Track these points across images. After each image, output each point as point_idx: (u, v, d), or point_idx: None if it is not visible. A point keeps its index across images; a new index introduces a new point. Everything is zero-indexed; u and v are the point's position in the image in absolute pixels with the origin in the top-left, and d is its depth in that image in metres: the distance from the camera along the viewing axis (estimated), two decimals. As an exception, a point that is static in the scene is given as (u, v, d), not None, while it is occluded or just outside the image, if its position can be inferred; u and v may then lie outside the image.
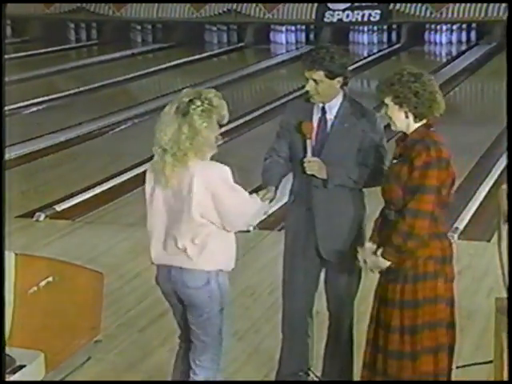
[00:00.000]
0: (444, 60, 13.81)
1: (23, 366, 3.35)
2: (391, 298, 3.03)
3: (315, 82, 3.18)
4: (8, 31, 15.50)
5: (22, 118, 9.19)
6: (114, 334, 4.09)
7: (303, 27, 15.31)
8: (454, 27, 14.72)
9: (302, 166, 3.21)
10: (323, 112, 3.24)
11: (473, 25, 14.69)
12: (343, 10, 14.78)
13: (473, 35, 14.74)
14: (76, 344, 3.76)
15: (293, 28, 15.29)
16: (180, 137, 2.84)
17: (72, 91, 10.83)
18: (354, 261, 3.26)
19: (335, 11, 14.82)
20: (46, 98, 10.25)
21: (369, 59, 13.36)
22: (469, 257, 4.93)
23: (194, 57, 13.64)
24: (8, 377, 3.20)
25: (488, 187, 6.22)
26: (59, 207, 6.04)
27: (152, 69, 12.42)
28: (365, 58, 13.53)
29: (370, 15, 14.68)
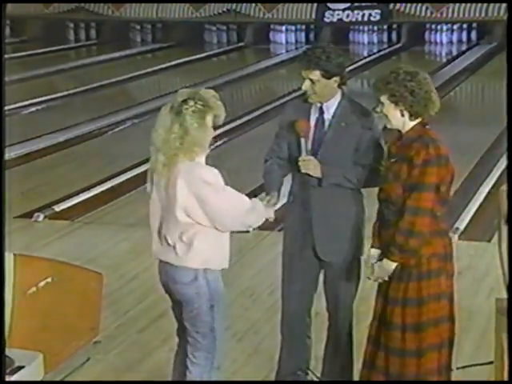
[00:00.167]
0: (444, 60, 13.80)
1: (22, 367, 3.35)
2: (394, 296, 3.04)
3: (312, 82, 3.18)
4: (7, 31, 15.48)
5: (21, 118, 9.18)
6: (114, 335, 4.08)
7: (303, 27, 15.29)
8: (455, 27, 14.71)
9: (298, 166, 3.21)
10: (321, 112, 3.24)
11: (473, 24, 14.67)
12: (343, 10, 14.77)
13: (473, 35, 14.72)
14: (75, 345, 3.76)
15: (293, 28, 15.28)
16: (170, 136, 2.88)
17: (71, 91, 10.82)
18: (353, 262, 3.28)
19: (335, 11, 14.81)
20: (45, 98, 10.24)
21: (369, 59, 13.35)
22: (469, 257, 4.93)
23: (194, 57, 13.63)
24: (7, 378, 3.19)
25: (488, 187, 6.21)
26: (58, 207, 6.04)
27: (151, 69, 12.41)
28: (365, 58, 13.52)
29: (370, 15, 14.68)
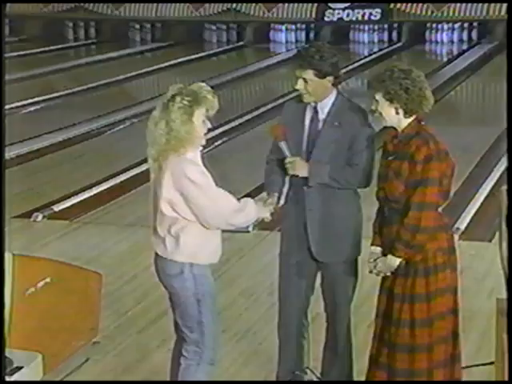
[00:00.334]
0: (445, 59, 13.78)
1: (21, 368, 3.34)
2: (400, 293, 3.05)
3: (305, 81, 3.17)
4: (6, 30, 15.46)
5: (20, 118, 9.17)
6: (113, 335, 4.07)
7: (303, 26, 15.27)
8: (456, 26, 14.68)
9: (285, 167, 3.21)
10: (315, 111, 3.23)
11: (474, 24, 14.63)
12: (343, 9, 14.75)
13: (474, 34, 14.69)
14: (74, 345, 3.76)
15: (293, 27, 15.26)
16: (157, 132, 2.93)
17: (70, 90, 10.80)
18: (349, 263, 3.28)
19: (335, 10, 14.79)
20: (44, 98, 10.23)
21: (369, 58, 13.32)
22: (470, 257, 4.91)
23: (193, 56, 13.61)
24: (6, 378, 3.18)
25: (489, 187, 6.20)
26: (57, 207, 6.03)
27: (151, 68, 12.39)
28: (365, 58, 13.50)
29: (371, 14, 14.66)
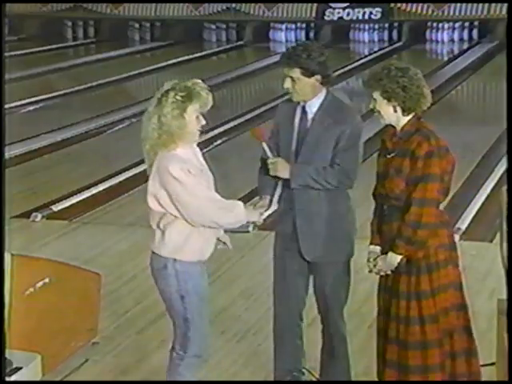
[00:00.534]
0: (446, 58, 13.77)
1: (20, 369, 3.33)
2: (405, 290, 3.05)
3: (292, 80, 3.16)
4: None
5: (19, 117, 9.15)
6: (112, 336, 4.07)
7: (303, 25, 15.26)
8: (456, 25, 14.68)
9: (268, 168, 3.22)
10: (304, 110, 3.23)
11: (475, 23, 14.63)
12: (344, 8, 14.73)
13: (475, 33, 14.68)
14: (73, 346, 3.76)
15: (293, 26, 15.25)
16: (150, 127, 2.95)
17: (69, 90, 10.80)
18: (341, 263, 3.29)
19: (335, 9, 14.78)
20: (43, 97, 10.23)
21: (369, 58, 13.31)
22: (471, 257, 4.90)
23: (193, 55, 13.60)
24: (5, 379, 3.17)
25: (490, 187, 6.19)
26: (56, 207, 6.02)
27: (150, 67, 12.38)
28: (365, 57, 13.49)
29: (371, 13, 14.65)
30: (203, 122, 2.99)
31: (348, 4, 14.73)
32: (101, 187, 6.50)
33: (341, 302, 3.33)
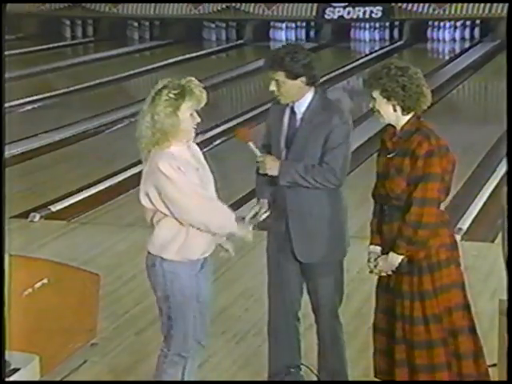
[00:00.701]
0: (447, 57, 13.75)
1: (18, 370, 3.31)
2: (408, 290, 3.05)
3: (277, 83, 3.18)
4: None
5: (17, 117, 9.13)
6: (111, 337, 4.05)
7: (303, 24, 15.25)
8: (458, 24, 14.66)
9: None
10: (292, 111, 3.24)
11: (476, 22, 14.61)
12: (344, 7, 14.70)
13: (476, 32, 14.66)
14: (72, 347, 3.75)
15: (293, 25, 15.23)
16: (143, 125, 2.96)
17: (67, 89, 10.78)
18: (333, 263, 3.28)
19: (336, 8, 14.75)
20: (41, 96, 10.22)
21: (370, 57, 13.28)
22: (472, 258, 4.88)
23: (192, 54, 13.58)
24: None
25: (492, 187, 6.17)
26: (54, 208, 6.01)
27: (149, 66, 12.36)
28: (366, 56, 13.47)
29: (372, 12, 14.62)
30: (198, 120, 2.99)
31: (348, 4, 14.71)
32: (99, 187, 6.48)
33: (335, 303, 3.33)
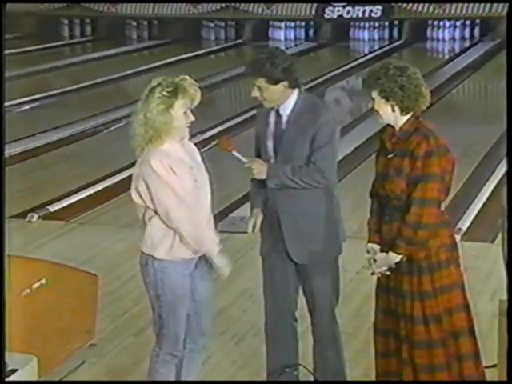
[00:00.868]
0: (447, 57, 13.75)
1: (16, 370, 3.29)
2: (409, 290, 3.05)
3: (259, 89, 3.18)
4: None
5: (15, 117, 9.11)
6: (109, 338, 4.04)
7: (302, 23, 15.23)
8: (458, 23, 14.67)
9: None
10: (278, 114, 3.25)
11: (476, 21, 14.62)
12: (343, 6, 14.69)
13: (476, 32, 14.66)
14: (70, 348, 3.74)
15: (292, 24, 15.22)
16: (136, 123, 2.97)
17: (65, 89, 10.77)
18: (327, 262, 3.28)
19: (335, 7, 14.73)
20: (39, 96, 10.20)
21: (370, 56, 13.27)
22: (472, 258, 4.87)
23: (191, 54, 13.58)
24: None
25: (491, 187, 6.16)
26: (52, 208, 5.99)
27: (148, 66, 12.34)
28: (365, 55, 13.46)
29: (371, 11, 14.61)
30: (192, 118, 2.98)
31: (347, 3, 14.70)
32: (98, 187, 6.47)
33: (331, 302, 3.33)
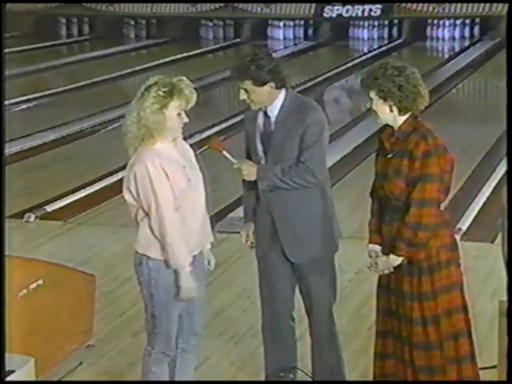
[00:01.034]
0: (446, 56, 13.73)
1: (13, 372, 3.27)
2: (409, 291, 3.04)
3: (246, 91, 3.19)
4: (-1, 27, 15.37)
5: (12, 116, 9.09)
6: (107, 339, 4.03)
7: (301, 22, 15.21)
8: (457, 22, 14.65)
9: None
10: (266, 115, 3.24)
11: (476, 20, 14.59)
12: (343, 5, 14.67)
13: (476, 30, 14.64)
14: (67, 349, 3.72)
15: (291, 23, 15.19)
16: (129, 120, 2.96)
17: (63, 88, 10.75)
18: (323, 262, 3.28)
19: (335, 6, 14.71)
20: (36, 96, 10.18)
21: (369, 55, 13.25)
22: (472, 258, 4.85)
23: (189, 53, 13.56)
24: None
25: (492, 187, 6.14)
26: (50, 208, 5.97)
27: (146, 65, 12.31)
28: (365, 54, 13.44)
29: (371, 10, 14.60)
30: (186, 120, 2.97)
31: (347, 2, 14.69)
32: (95, 187, 6.44)
33: (329, 301, 3.33)
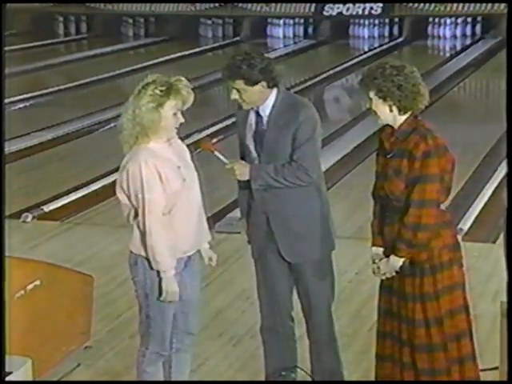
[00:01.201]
0: (448, 55, 13.71)
1: (10, 373, 3.24)
2: (411, 292, 3.02)
3: (238, 91, 3.18)
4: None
5: (9, 115, 9.00)
6: (105, 340, 4.02)
7: (301, 21, 15.18)
8: (459, 20, 14.63)
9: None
10: (258, 115, 3.24)
11: (478, 18, 14.57)
12: (343, 3, 14.63)
13: (478, 29, 14.62)
14: (65, 350, 3.71)
15: (291, 22, 15.17)
16: (125, 118, 2.94)
17: (60, 87, 10.73)
18: (320, 262, 3.27)
19: (335, 4, 14.68)
20: (33, 95, 10.16)
21: (369, 54, 13.23)
22: (473, 259, 4.82)
23: (188, 51, 13.54)
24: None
25: (493, 187, 6.12)
26: (47, 208, 5.94)
27: (144, 64, 12.28)
28: (365, 53, 13.43)
29: (372, 8, 14.57)
30: (181, 120, 2.96)
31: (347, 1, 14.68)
32: (93, 187, 6.42)
33: (328, 300, 3.32)
